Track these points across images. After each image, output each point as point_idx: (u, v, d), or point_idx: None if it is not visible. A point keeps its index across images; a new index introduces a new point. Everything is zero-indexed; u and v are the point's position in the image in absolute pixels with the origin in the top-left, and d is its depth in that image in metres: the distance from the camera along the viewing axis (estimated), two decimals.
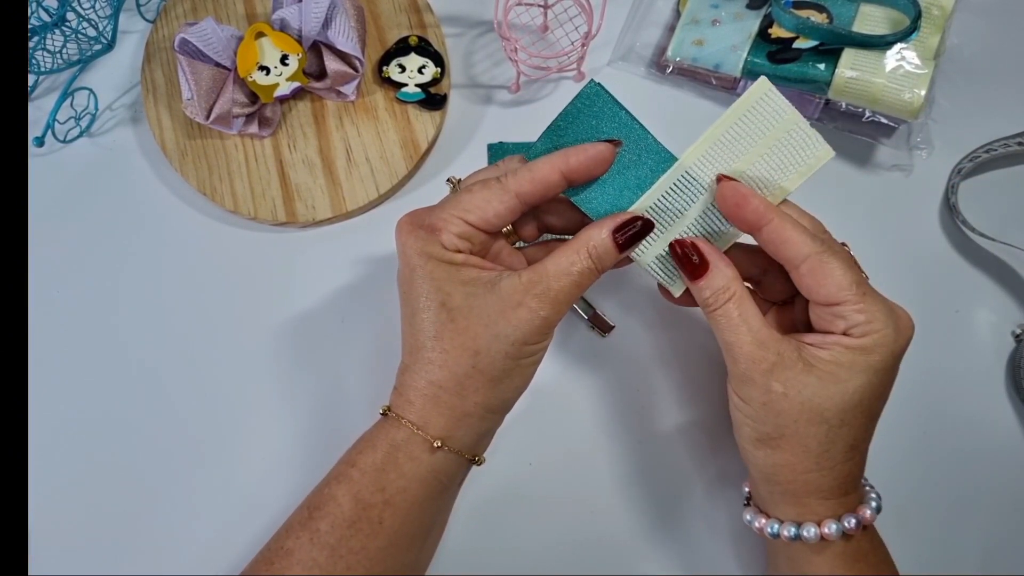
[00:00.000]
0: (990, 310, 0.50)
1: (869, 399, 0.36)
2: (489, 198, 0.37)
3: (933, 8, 0.50)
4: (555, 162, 0.37)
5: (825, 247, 0.36)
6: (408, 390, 0.38)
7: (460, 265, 0.37)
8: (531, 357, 0.38)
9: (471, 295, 0.37)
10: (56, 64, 0.54)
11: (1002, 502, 0.47)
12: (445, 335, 0.37)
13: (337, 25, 0.50)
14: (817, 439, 0.36)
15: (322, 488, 0.38)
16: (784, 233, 0.36)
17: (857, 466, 0.38)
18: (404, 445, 0.37)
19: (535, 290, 0.36)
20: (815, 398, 0.35)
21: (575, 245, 0.37)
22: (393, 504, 0.37)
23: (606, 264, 0.37)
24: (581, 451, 0.48)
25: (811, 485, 0.37)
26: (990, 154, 0.52)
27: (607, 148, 0.37)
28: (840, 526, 0.37)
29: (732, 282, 0.37)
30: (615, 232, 0.37)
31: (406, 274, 0.38)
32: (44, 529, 0.45)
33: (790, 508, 0.38)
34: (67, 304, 0.50)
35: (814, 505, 0.37)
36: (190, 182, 0.51)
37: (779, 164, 0.38)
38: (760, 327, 0.36)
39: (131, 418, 0.48)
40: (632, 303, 0.50)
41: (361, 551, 0.36)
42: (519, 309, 0.36)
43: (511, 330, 0.36)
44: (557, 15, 0.55)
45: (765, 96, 0.37)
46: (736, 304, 0.37)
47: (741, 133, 0.37)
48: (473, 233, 0.37)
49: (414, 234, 0.37)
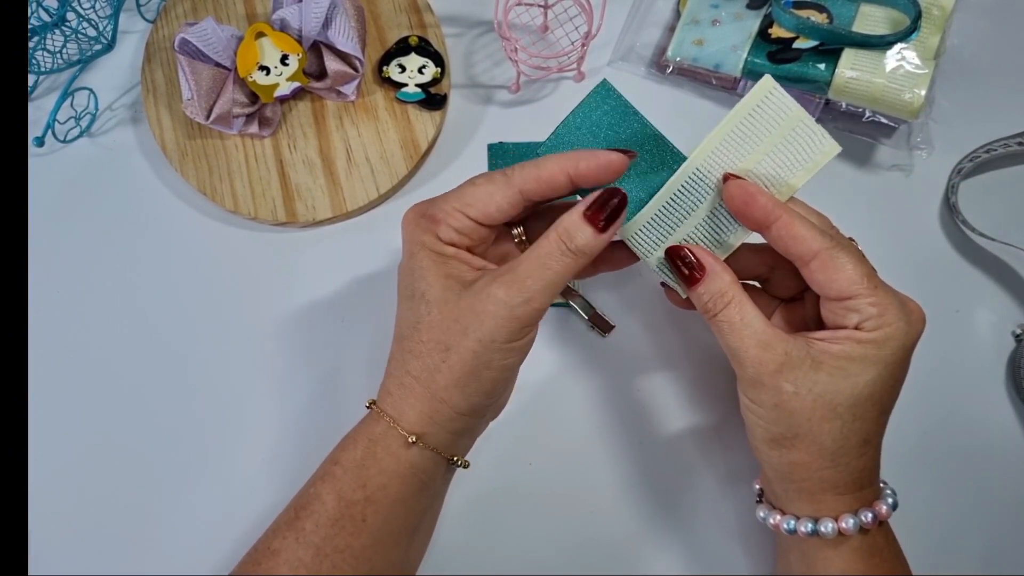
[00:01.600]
0: (990, 310, 0.50)
1: (880, 392, 0.36)
2: (492, 192, 0.37)
3: (933, 8, 0.50)
4: (564, 163, 0.36)
5: (834, 242, 0.36)
6: (388, 379, 0.38)
7: (450, 258, 0.37)
8: (502, 360, 0.36)
9: (448, 288, 0.36)
10: (56, 64, 0.54)
11: (1002, 502, 0.47)
12: (422, 326, 0.37)
13: (337, 25, 0.50)
14: (831, 436, 0.36)
15: (308, 487, 0.38)
16: (793, 229, 0.36)
17: (871, 460, 0.37)
18: (382, 439, 0.37)
19: (502, 278, 0.35)
20: (826, 394, 0.35)
21: (548, 232, 0.36)
22: (375, 501, 0.37)
23: (584, 248, 0.35)
24: (581, 451, 0.48)
25: (827, 482, 0.37)
26: (990, 154, 0.52)
27: (619, 158, 0.36)
28: (857, 520, 0.36)
29: (730, 286, 0.37)
30: (587, 211, 0.35)
31: (404, 261, 0.38)
32: (44, 529, 0.45)
33: (806, 504, 0.38)
34: (67, 304, 0.50)
35: (830, 501, 0.37)
36: (190, 182, 0.51)
37: (785, 161, 0.38)
38: (763, 328, 0.36)
39: (131, 417, 0.48)
40: (632, 303, 0.50)
41: (346, 549, 0.36)
42: (485, 301, 0.35)
43: (478, 325, 0.35)
44: (557, 15, 0.55)
45: (770, 94, 0.37)
46: (736, 308, 0.36)
47: (747, 131, 0.37)
48: (473, 228, 0.37)
49: (416, 222, 0.38)
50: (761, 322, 0.36)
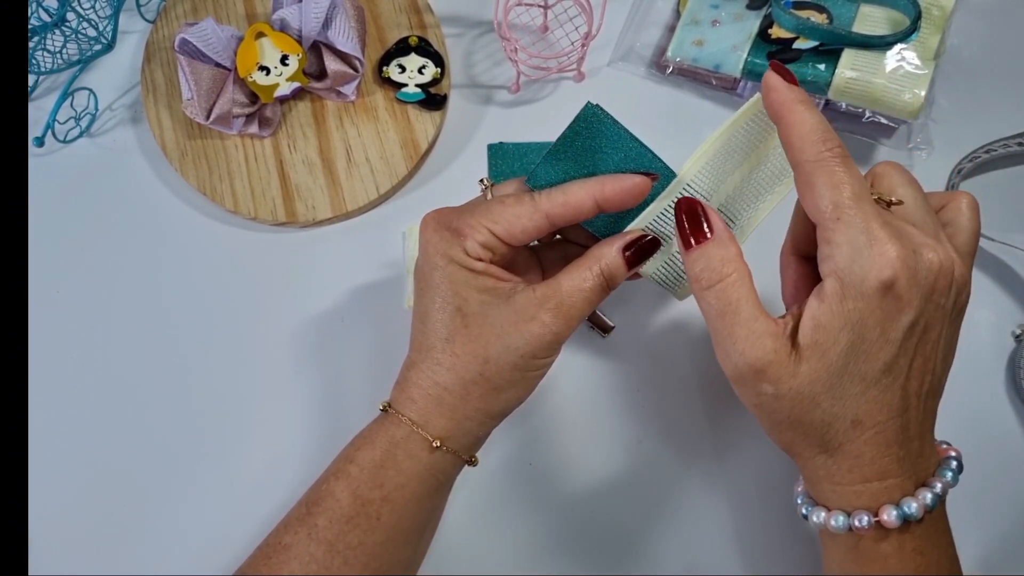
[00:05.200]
0: (990, 310, 0.50)
1: (854, 362, 0.31)
2: (520, 214, 0.37)
3: (933, 8, 0.50)
4: (591, 189, 0.37)
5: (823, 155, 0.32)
6: (412, 387, 0.38)
7: (480, 273, 0.37)
8: (537, 371, 0.38)
9: (486, 303, 0.37)
10: (56, 64, 0.54)
11: (1002, 502, 0.47)
12: (457, 339, 0.37)
13: (337, 25, 0.50)
14: (817, 428, 0.33)
15: (320, 484, 0.38)
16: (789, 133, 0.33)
17: (869, 445, 0.33)
18: (403, 443, 0.37)
19: (548, 304, 0.37)
20: (803, 388, 0.32)
21: (587, 262, 0.37)
22: (391, 500, 0.37)
23: (616, 281, 0.38)
24: (581, 451, 0.48)
25: (833, 477, 0.34)
26: (990, 154, 0.52)
27: (644, 181, 0.37)
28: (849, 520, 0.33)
29: (735, 259, 0.33)
30: (624, 250, 0.37)
31: (426, 272, 0.38)
32: (44, 529, 0.45)
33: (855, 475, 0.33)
34: (67, 304, 0.50)
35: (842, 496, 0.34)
36: (190, 182, 0.51)
37: (779, 165, 0.38)
38: (757, 316, 0.33)
39: (131, 418, 0.48)
40: (632, 303, 0.50)
41: (358, 546, 0.36)
42: (532, 323, 0.36)
43: (522, 342, 0.36)
44: (557, 15, 0.55)
45: (763, 111, 0.36)
46: (734, 287, 0.33)
47: (739, 143, 0.37)
48: (497, 244, 0.37)
49: (439, 234, 0.38)
50: (755, 310, 0.33)
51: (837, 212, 0.31)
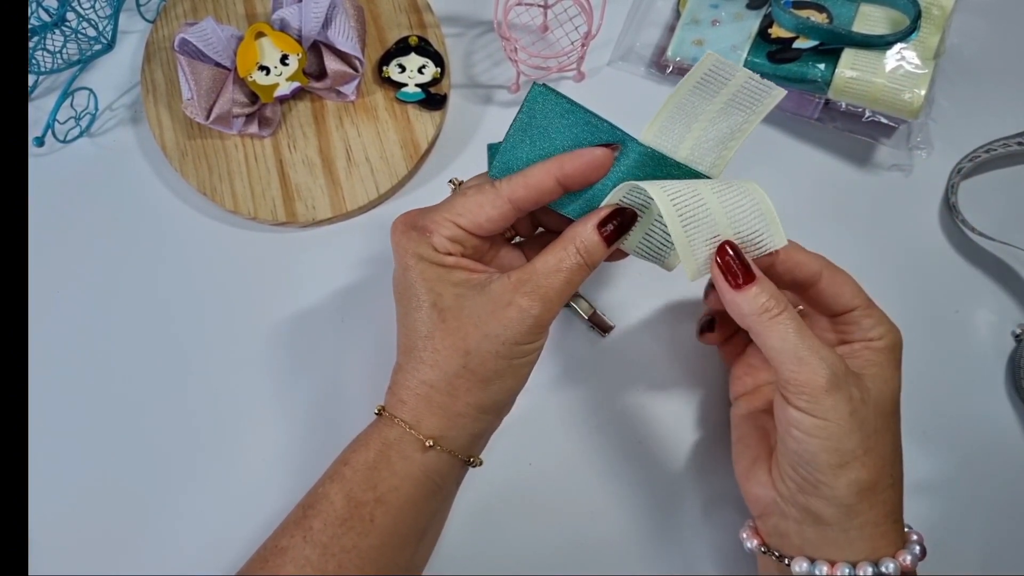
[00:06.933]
0: (990, 310, 0.50)
1: (898, 398, 0.38)
2: (482, 202, 0.37)
3: (933, 8, 0.50)
4: (550, 168, 0.36)
5: (826, 260, 0.38)
6: (401, 389, 0.38)
7: (451, 267, 0.37)
8: (523, 358, 0.38)
9: (461, 296, 0.37)
10: (56, 64, 0.54)
11: (1002, 502, 0.47)
12: (436, 335, 0.37)
13: (337, 25, 0.50)
14: (891, 444, 0.37)
15: (316, 487, 0.38)
16: (797, 256, 0.38)
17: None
18: (396, 443, 0.37)
19: (524, 288, 0.36)
20: (881, 398, 0.36)
21: (562, 242, 0.37)
22: (385, 502, 0.37)
23: (595, 259, 0.37)
24: (581, 451, 0.48)
25: (888, 505, 0.36)
26: (990, 154, 0.52)
27: (604, 153, 0.37)
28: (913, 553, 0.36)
29: (779, 292, 0.36)
30: (600, 226, 0.37)
31: (400, 274, 0.38)
32: (44, 529, 0.45)
33: (865, 544, 0.36)
34: (67, 304, 0.50)
35: (890, 531, 0.36)
36: (190, 182, 0.51)
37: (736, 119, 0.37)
38: (814, 337, 0.36)
39: (130, 417, 0.48)
40: (632, 303, 0.50)
41: (353, 549, 0.36)
42: (509, 308, 0.36)
43: (501, 329, 0.36)
44: (557, 15, 0.55)
45: (714, 66, 0.36)
46: (792, 314, 0.36)
47: (695, 101, 0.37)
48: (465, 237, 0.37)
49: (407, 235, 0.38)
50: (810, 331, 0.36)
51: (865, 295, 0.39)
